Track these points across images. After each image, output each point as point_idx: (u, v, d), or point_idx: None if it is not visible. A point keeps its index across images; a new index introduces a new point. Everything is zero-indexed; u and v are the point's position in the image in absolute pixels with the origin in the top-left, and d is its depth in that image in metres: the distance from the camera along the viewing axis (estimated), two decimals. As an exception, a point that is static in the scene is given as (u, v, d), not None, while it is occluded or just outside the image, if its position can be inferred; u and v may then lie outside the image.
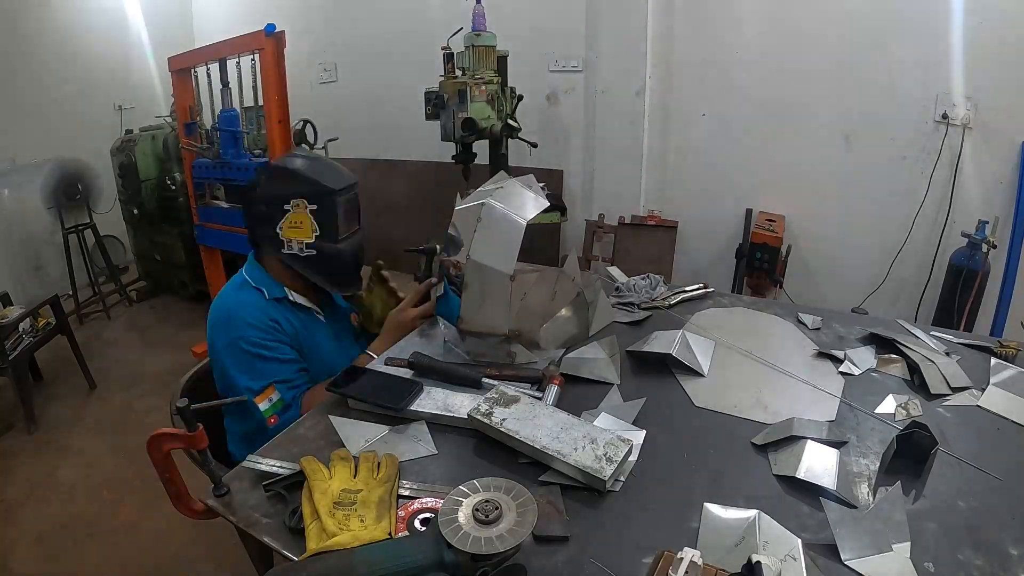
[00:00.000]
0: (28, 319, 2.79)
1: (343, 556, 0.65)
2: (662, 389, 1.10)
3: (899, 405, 1.02)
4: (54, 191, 3.61)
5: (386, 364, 1.18)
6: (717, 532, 0.75)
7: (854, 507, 0.78)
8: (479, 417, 0.92)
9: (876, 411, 1.01)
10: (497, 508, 0.65)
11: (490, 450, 0.91)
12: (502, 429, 0.89)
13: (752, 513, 0.76)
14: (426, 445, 0.93)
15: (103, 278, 3.99)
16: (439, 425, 0.98)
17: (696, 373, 1.13)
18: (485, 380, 1.07)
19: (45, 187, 3.61)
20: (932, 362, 1.13)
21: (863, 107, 2.78)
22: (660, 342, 1.18)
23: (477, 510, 0.64)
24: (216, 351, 1.24)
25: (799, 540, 0.71)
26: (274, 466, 0.86)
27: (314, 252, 1.28)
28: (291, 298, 1.31)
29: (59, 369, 3.12)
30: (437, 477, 0.86)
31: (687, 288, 1.52)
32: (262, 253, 1.35)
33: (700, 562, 0.64)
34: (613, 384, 1.10)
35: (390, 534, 0.72)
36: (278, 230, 1.27)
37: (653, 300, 1.46)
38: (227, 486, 0.84)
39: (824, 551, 0.72)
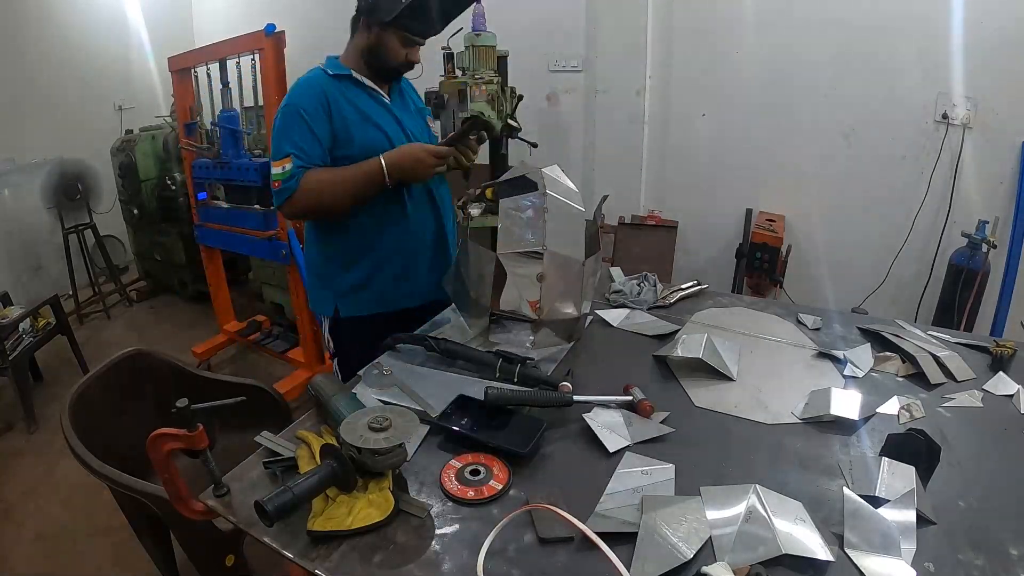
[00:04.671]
0: (28, 319, 2.79)
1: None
2: (662, 389, 1.10)
3: (902, 407, 1.02)
4: (54, 191, 3.61)
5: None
6: (722, 512, 0.76)
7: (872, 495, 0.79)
8: None
9: (879, 410, 1.02)
10: (387, 419, 0.81)
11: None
12: None
13: (750, 487, 0.78)
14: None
15: (103, 278, 3.99)
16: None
17: (725, 377, 1.12)
18: (576, 398, 1.00)
19: (45, 187, 3.61)
20: (929, 354, 1.14)
21: (863, 107, 2.78)
22: (687, 346, 1.16)
23: (372, 423, 0.81)
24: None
25: (801, 503, 0.75)
26: (279, 445, 0.91)
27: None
28: (356, 76, 1.43)
29: (59, 369, 3.12)
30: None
31: (684, 286, 1.52)
32: (353, 32, 1.46)
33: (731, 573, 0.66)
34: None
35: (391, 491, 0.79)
36: None
37: (655, 301, 1.46)
38: (227, 486, 0.84)
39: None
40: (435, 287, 1.47)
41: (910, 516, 0.75)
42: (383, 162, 1.36)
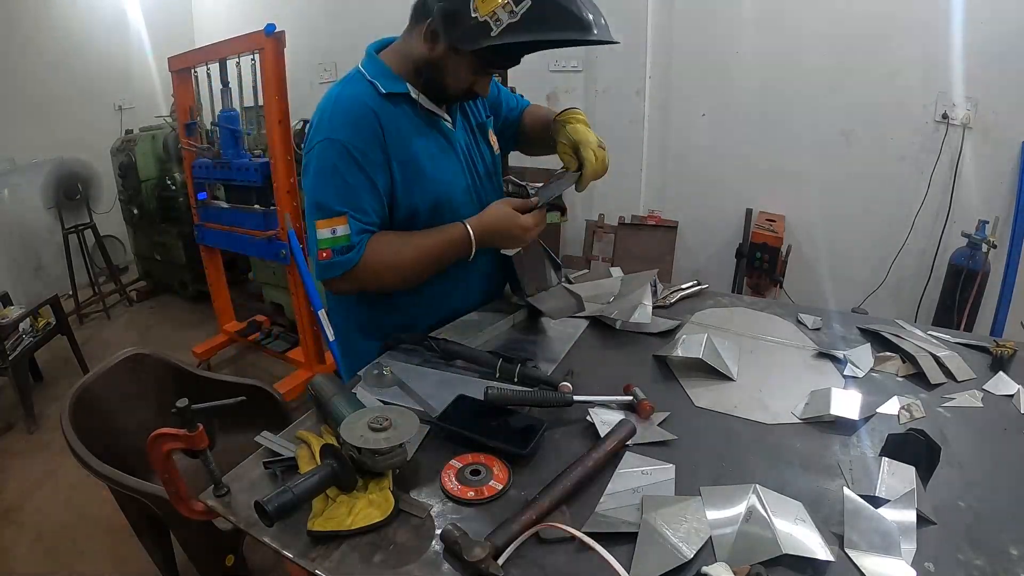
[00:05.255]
0: (28, 319, 2.80)
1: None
2: (662, 389, 1.10)
3: (902, 407, 1.02)
4: (54, 191, 3.61)
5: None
6: (722, 512, 0.76)
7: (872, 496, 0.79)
8: None
9: (879, 411, 1.02)
10: (387, 419, 0.81)
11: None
12: None
13: (749, 487, 0.78)
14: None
15: (103, 278, 4.00)
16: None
17: (725, 377, 1.12)
18: (576, 398, 1.00)
19: (45, 187, 3.61)
20: (929, 354, 1.14)
21: (863, 107, 2.78)
22: (687, 346, 1.16)
23: (372, 423, 0.81)
24: (306, 158, 1.09)
25: (801, 503, 0.75)
26: (279, 445, 0.91)
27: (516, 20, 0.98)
28: (413, 95, 1.12)
29: (59, 369, 3.12)
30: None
31: (684, 286, 1.52)
32: (413, 25, 1.11)
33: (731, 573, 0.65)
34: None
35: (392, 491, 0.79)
36: None
37: (655, 301, 1.46)
38: (227, 486, 0.84)
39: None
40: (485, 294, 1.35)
41: (910, 516, 0.75)
42: (471, 233, 1.12)
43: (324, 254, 1.06)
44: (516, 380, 1.07)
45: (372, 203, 1.09)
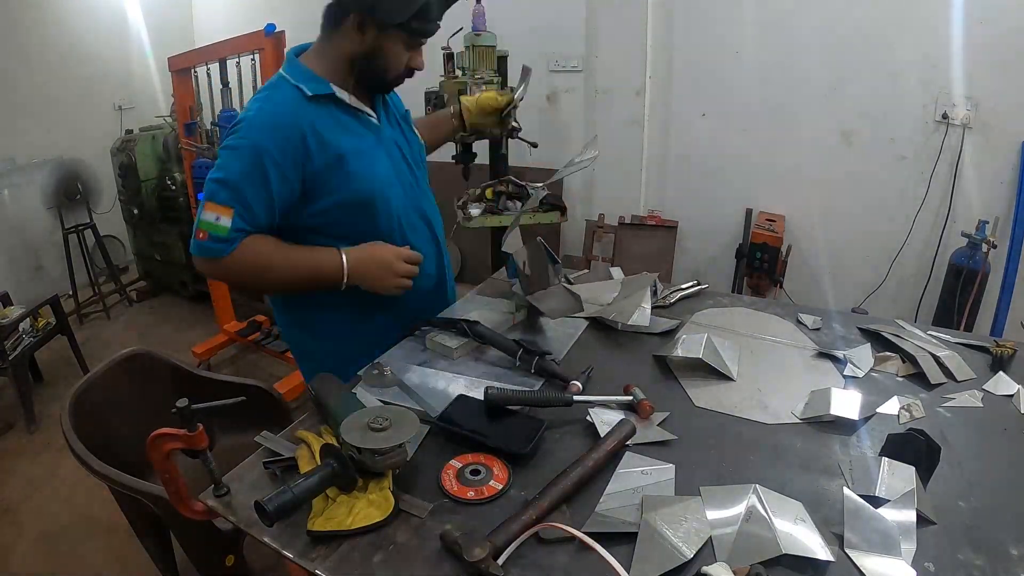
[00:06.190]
0: (28, 319, 2.80)
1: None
2: (662, 389, 1.10)
3: (902, 407, 1.02)
4: (54, 191, 3.61)
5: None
6: (722, 512, 0.76)
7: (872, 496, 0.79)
8: None
9: (879, 411, 1.02)
10: (387, 419, 0.82)
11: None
12: None
13: (749, 487, 0.78)
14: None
15: (103, 278, 3.99)
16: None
17: (725, 377, 1.12)
18: (576, 398, 1.01)
19: (45, 187, 3.61)
20: (929, 354, 1.14)
21: (863, 107, 2.78)
22: (687, 346, 1.16)
23: (372, 423, 0.82)
24: (221, 144, 1.12)
25: (801, 503, 0.75)
26: (279, 445, 0.91)
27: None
28: (338, 95, 1.16)
29: (59, 369, 3.12)
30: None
31: (684, 286, 1.52)
32: (331, 28, 1.17)
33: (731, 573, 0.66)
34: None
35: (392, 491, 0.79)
36: None
37: (655, 301, 1.46)
38: (227, 486, 0.84)
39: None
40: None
41: (910, 516, 0.75)
42: (344, 261, 1.15)
43: (201, 234, 1.09)
44: (533, 371, 1.11)
45: (261, 208, 1.10)
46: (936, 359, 1.14)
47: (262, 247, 1.13)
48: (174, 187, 3.74)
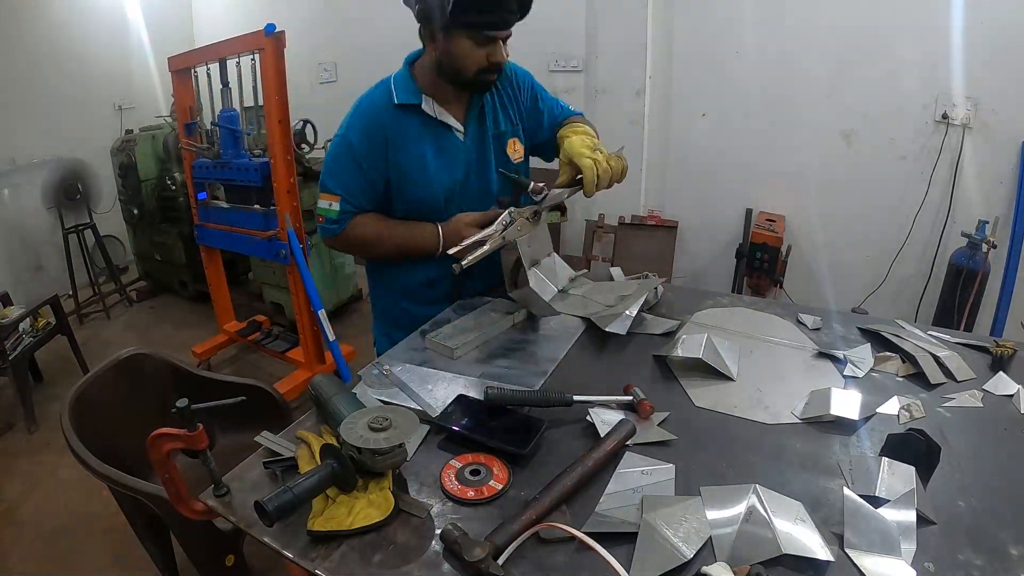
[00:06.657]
0: (28, 319, 2.80)
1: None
2: (662, 389, 1.10)
3: (902, 407, 1.02)
4: (54, 191, 3.61)
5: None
6: (722, 512, 0.76)
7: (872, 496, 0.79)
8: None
9: (879, 411, 1.02)
10: (387, 419, 0.82)
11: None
12: None
13: (749, 487, 0.78)
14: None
15: (103, 278, 3.99)
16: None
17: (725, 377, 1.12)
18: (576, 398, 1.01)
19: (45, 187, 3.61)
20: (929, 354, 1.14)
21: (863, 107, 2.78)
22: (687, 346, 1.16)
23: (372, 423, 0.82)
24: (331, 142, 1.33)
25: (801, 503, 0.75)
26: (279, 445, 0.91)
27: None
28: (424, 107, 1.28)
29: (59, 369, 3.12)
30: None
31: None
32: (425, 42, 1.25)
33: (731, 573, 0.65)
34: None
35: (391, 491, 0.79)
36: None
37: (655, 301, 1.46)
38: (227, 486, 0.84)
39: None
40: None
41: (910, 516, 0.75)
42: (440, 235, 1.31)
43: (320, 219, 1.34)
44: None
45: (364, 192, 1.31)
46: (936, 359, 1.14)
47: (369, 224, 1.34)
48: (174, 187, 3.74)
